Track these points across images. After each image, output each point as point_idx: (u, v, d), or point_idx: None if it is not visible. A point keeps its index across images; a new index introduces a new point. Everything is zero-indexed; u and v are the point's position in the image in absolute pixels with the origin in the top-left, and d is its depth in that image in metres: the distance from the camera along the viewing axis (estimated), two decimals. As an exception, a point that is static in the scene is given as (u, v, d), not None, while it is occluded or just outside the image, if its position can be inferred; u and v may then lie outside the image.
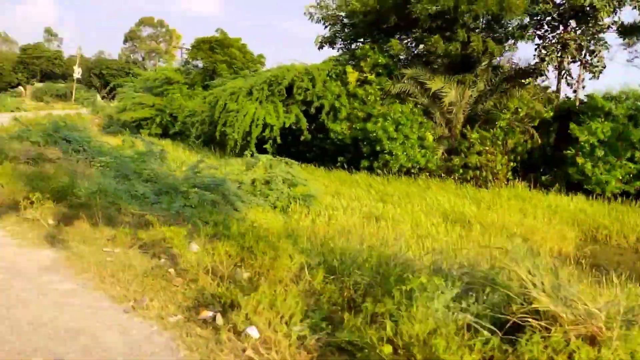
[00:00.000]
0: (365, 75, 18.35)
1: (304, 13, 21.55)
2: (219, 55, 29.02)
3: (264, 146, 18.50)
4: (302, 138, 18.87)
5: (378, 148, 16.11)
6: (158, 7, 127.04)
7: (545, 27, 19.63)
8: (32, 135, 12.48)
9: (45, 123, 17.98)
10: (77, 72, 43.95)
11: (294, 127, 19.04)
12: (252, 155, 18.39)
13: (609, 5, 16.94)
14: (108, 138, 19.58)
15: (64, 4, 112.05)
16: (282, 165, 11.03)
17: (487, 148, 16.09)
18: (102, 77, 64.11)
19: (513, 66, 19.90)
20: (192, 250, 4.17)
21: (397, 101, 17.67)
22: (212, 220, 5.29)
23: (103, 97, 59.31)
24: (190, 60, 30.12)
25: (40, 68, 60.19)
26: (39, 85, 56.53)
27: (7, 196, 6.78)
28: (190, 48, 29.50)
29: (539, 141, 16.92)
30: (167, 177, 9.33)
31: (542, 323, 2.16)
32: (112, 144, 16.79)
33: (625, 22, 18.74)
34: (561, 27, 19.15)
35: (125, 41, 73.98)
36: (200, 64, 29.85)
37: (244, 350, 2.69)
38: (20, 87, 57.24)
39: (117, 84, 64.56)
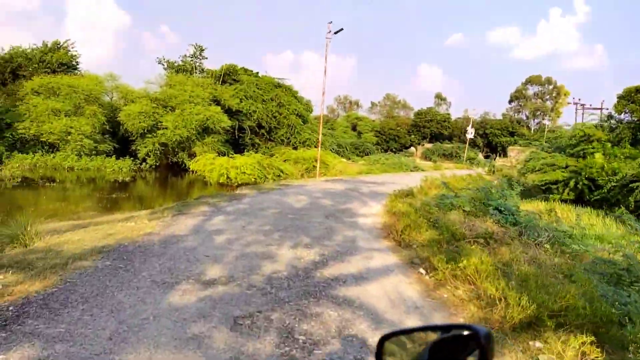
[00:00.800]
0: None
1: None
2: (656, 104, 25.20)
3: None
4: None
5: None
6: (544, 66, 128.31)
7: None
8: (463, 203, 12.15)
9: (470, 187, 18.93)
10: (470, 133, 47.73)
11: None
12: None
13: None
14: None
15: (451, 72, 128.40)
16: None
17: None
18: (486, 137, 68.05)
19: None
20: None
21: None
22: None
23: (486, 157, 62.61)
24: (616, 114, 27.33)
25: (430, 130, 69.29)
26: (428, 145, 65.01)
27: (512, 308, 4.95)
28: (617, 99, 26.76)
29: None
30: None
31: None
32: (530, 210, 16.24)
33: None
34: None
35: (511, 101, 76.64)
36: (627, 117, 26.75)
37: None
38: (412, 148, 67.55)
39: (499, 142, 67.32)
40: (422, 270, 6.97)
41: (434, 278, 6.58)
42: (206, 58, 39.88)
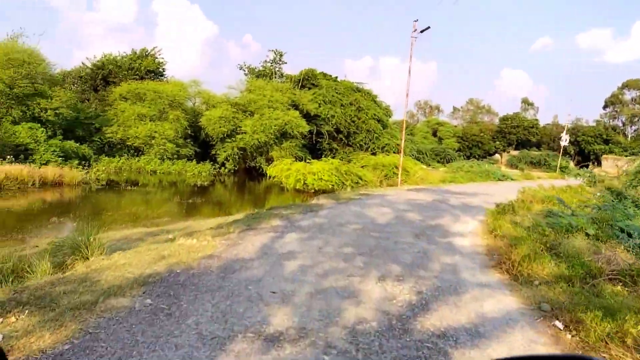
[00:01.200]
0: None
1: None
2: None
3: None
4: None
5: None
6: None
7: None
8: (585, 224, 9.68)
9: (588, 204, 15.69)
10: (564, 140, 43.32)
11: None
12: None
13: None
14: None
15: (538, 76, 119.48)
16: None
17: None
18: (578, 145, 62.13)
19: None
20: None
21: None
22: None
23: (581, 166, 57.02)
24: None
25: (517, 137, 64.42)
26: (514, 152, 60.40)
27: None
28: None
29: None
30: None
31: None
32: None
33: None
34: None
35: (605, 106, 69.69)
36: None
37: None
38: (497, 155, 63.15)
39: (592, 150, 61.17)
40: (558, 324, 5.03)
41: (578, 337, 4.65)
42: (285, 63, 39.31)
